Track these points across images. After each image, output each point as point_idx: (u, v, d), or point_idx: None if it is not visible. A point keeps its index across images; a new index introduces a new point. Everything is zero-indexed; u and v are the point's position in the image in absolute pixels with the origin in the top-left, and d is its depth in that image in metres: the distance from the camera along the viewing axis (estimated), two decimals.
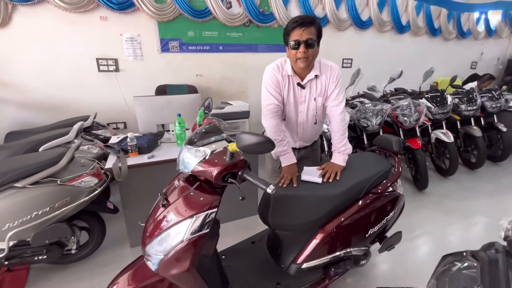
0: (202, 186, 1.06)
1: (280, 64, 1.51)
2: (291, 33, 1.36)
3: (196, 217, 0.98)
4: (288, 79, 1.51)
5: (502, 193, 2.97)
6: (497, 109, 3.62)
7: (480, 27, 5.45)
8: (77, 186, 1.59)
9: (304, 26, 1.31)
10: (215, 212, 1.01)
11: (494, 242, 0.72)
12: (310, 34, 1.33)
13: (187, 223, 0.97)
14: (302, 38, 1.32)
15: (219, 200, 1.02)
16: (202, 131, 1.11)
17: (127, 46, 3.07)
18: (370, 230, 1.40)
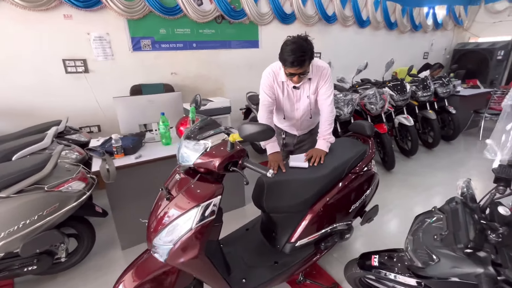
0: (203, 177, 1.13)
1: (275, 71, 1.65)
2: (286, 68, 1.47)
3: (202, 205, 1.05)
4: (283, 85, 1.65)
5: (454, 168, 3.41)
6: (447, 94, 4.09)
7: (429, 20, 6.03)
8: (64, 191, 1.55)
9: (300, 66, 1.42)
10: (219, 199, 1.09)
11: (454, 196, 0.90)
12: (305, 68, 1.46)
13: (194, 212, 1.04)
14: (296, 72, 1.47)
15: (222, 188, 1.10)
16: (199, 125, 1.17)
17: (95, 45, 2.94)
18: (352, 206, 1.58)
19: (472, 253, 0.75)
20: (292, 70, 1.45)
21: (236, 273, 1.39)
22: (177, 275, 1.17)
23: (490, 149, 0.91)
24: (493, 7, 6.39)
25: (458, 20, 6.47)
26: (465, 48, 6.64)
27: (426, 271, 0.87)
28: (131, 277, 1.14)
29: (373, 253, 1.28)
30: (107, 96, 3.09)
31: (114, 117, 3.17)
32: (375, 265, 1.22)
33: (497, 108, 4.50)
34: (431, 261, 0.87)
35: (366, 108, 3.29)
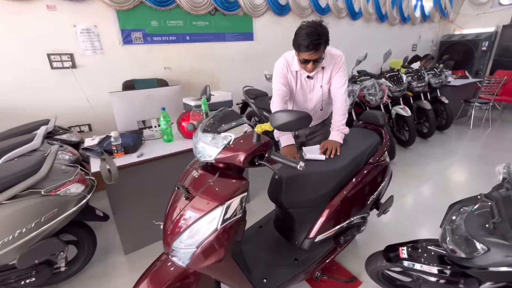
0: (224, 172, 1.05)
1: (288, 61, 1.59)
2: (300, 53, 1.41)
3: (228, 203, 0.96)
4: (296, 74, 1.59)
5: (448, 157, 3.46)
6: (439, 84, 4.15)
7: (417, 12, 6.12)
8: (63, 195, 1.42)
9: (315, 50, 1.36)
10: (245, 196, 1.01)
11: (503, 182, 0.87)
12: (320, 54, 1.40)
13: (219, 211, 0.96)
14: (311, 59, 1.40)
15: (248, 184, 1.02)
16: (219, 117, 1.08)
17: (83, 38, 2.74)
18: (370, 197, 1.54)
19: None
20: (307, 56, 1.39)
21: (256, 273, 1.32)
22: (197, 281, 1.08)
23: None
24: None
25: (444, 12, 6.60)
26: (451, 39, 6.80)
27: (473, 261, 0.83)
28: (147, 286, 1.04)
29: (399, 245, 1.24)
30: (98, 92, 2.92)
31: (106, 115, 3.01)
32: (404, 257, 1.18)
33: (486, 98, 4.64)
34: (476, 251, 0.83)
35: (365, 100, 3.27)
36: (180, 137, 2.12)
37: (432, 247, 1.16)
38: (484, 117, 4.81)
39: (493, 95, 4.51)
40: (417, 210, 2.37)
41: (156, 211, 1.92)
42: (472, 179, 2.93)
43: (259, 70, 4.04)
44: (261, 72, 3.88)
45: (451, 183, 2.86)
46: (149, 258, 1.81)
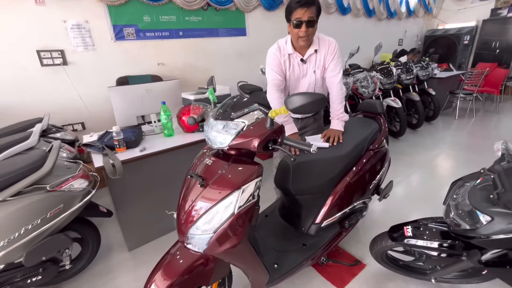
0: (236, 158, 1.06)
1: (280, 45, 1.62)
2: (294, 12, 1.44)
3: (243, 188, 0.98)
4: (289, 58, 1.61)
5: (437, 146, 3.61)
6: (426, 76, 4.30)
7: (403, 8, 6.28)
8: (68, 191, 1.40)
9: (306, 6, 1.40)
10: (261, 180, 1.03)
11: (504, 156, 0.93)
12: (312, 13, 1.43)
13: (236, 196, 0.98)
14: (304, 18, 1.42)
15: (262, 168, 1.04)
16: (231, 104, 1.09)
17: (74, 34, 2.67)
18: (372, 182, 1.60)
19: None
20: (299, 13, 1.41)
21: (267, 258, 1.35)
22: (213, 267, 1.10)
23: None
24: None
25: (427, 7, 6.81)
26: (435, 34, 7.03)
27: (477, 231, 0.88)
28: (162, 276, 1.03)
29: (404, 225, 1.30)
30: (91, 90, 2.86)
31: (99, 112, 2.96)
32: (409, 235, 1.24)
33: (469, 89, 4.84)
34: (480, 222, 0.89)
35: (358, 92, 3.35)
36: (180, 131, 2.11)
37: (434, 224, 1.22)
38: (468, 108, 5.03)
39: (476, 86, 4.71)
40: (412, 196, 2.46)
41: (160, 205, 1.93)
42: (460, 165, 3.06)
43: (252, 65, 4.06)
44: (255, 67, 3.89)
45: (441, 170, 2.99)
46: (154, 253, 1.84)
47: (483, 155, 3.21)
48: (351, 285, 1.56)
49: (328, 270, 1.66)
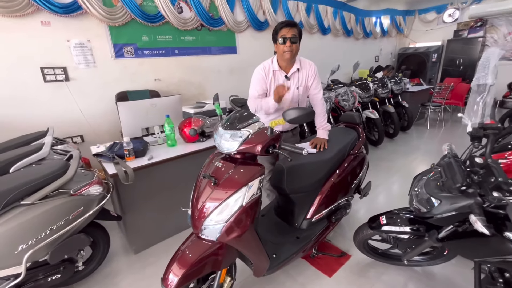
0: (242, 161, 1.29)
1: (266, 65, 1.89)
2: (279, 31, 1.74)
3: (250, 184, 1.21)
4: (274, 74, 1.86)
5: (413, 152, 4.00)
6: (400, 90, 4.75)
7: (377, 28, 6.90)
8: (87, 195, 1.55)
9: (289, 27, 1.71)
10: (263, 178, 1.26)
11: (446, 154, 1.21)
12: (294, 32, 1.73)
13: (244, 191, 1.20)
14: (288, 35, 1.71)
15: (264, 168, 1.27)
16: (238, 116, 1.32)
17: (76, 52, 2.84)
18: (354, 182, 1.86)
19: (465, 190, 1.05)
20: (285, 31, 1.69)
21: (266, 249, 1.55)
22: (223, 254, 1.29)
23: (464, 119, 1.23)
24: (425, 17, 7.57)
25: (399, 28, 7.50)
26: (407, 52, 7.71)
27: (431, 212, 1.15)
28: (178, 265, 1.20)
29: (380, 215, 1.56)
30: (91, 104, 3.01)
31: (98, 126, 3.10)
32: (384, 223, 1.49)
33: (438, 101, 5.37)
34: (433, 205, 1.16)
35: (340, 105, 3.70)
36: (182, 141, 2.31)
37: (403, 213, 1.49)
38: (438, 118, 5.55)
39: (443, 99, 5.25)
40: (391, 196, 2.76)
41: (164, 209, 2.11)
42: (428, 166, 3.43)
43: (242, 81, 4.34)
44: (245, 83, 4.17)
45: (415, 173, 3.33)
46: (159, 255, 2.00)
47: None
48: (338, 273, 1.79)
49: (319, 261, 1.88)
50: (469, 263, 1.64)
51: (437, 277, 1.70)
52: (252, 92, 1.89)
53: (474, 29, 6.75)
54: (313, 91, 1.94)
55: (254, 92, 1.87)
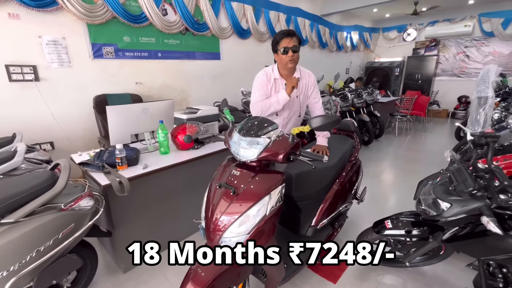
0: (262, 168, 1.25)
1: (267, 71, 1.90)
2: (280, 42, 1.75)
3: (272, 193, 1.17)
4: (275, 82, 1.88)
5: (386, 158, 4.29)
6: (372, 101, 5.10)
7: (348, 42, 7.38)
8: (78, 209, 1.37)
9: (290, 37, 1.73)
10: (284, 186, 1.23)
11: (454, 160, 1.31)
12: (295, 42, 1.75)
13: (266, 200, 1.16)
14: (289, 45, 1.73)
15: (285, 176, 1.25)
16: (253, 124, 1.28)
17: (49, 50, 2.56)
18: (354, 187, 1.92)
19: (475, 194, 1.13)
20: (286, 42, 1.71)
21: None
22: (241, 268, 1.23)
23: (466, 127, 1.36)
24: (388, 35, 8.30)
25: (366, 43, 8.11)
26: (373, 66, 8.35)
27: (442, 215, 1.23)
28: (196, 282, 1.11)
29: (385, 219, 1.62)
30: (64, 108, 2.73)
31: (72, 132, 2.81)
32: (389, 227, 1.55)
33: (404, 112, 5.86)
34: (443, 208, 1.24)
35: None
36: (174, 149, 2.19)
37: (405, 216, 1.57)
38: (404, 127, 6.04)
39: (408, 110, 5.74)
40: (378, 199, 2.90)
41: (156, 222, 1.96)
42: (402, 173, 3.71)
43: (226, 87, 4.31)
44: (228, 89, 4.16)
45: (390, 176, 3.58)
46: (150, 272, 1.84)
47: (419, 164, 3.96)
48: (342, 279, 1.81)
49: (321, 268, 1.88)
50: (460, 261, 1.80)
51: (431, 275, 1.81)
52: (255, 96, 1.87)
53: (430, 48, 7.57)
54: (313, 100, 1.99)
55: (258, 97, 1.86)
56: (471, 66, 7.15)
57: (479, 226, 1.19)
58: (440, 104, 7.59)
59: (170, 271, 1.85)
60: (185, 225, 2.15)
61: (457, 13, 6.85)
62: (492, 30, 6.48)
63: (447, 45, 7.39)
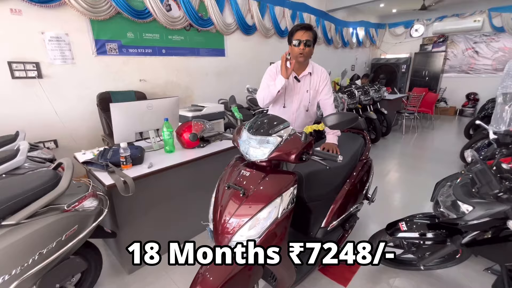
0: (272, 169, 1.19)
1: (278, 65, 1.82)
2: (295, 34, 1.71)
3: (284, 194, 1.11)
4: None
5: (393, 156, 4.21)
6: (379, 98, 5.00)
7: (354, 39, 7.25)
8: (82, 210, 1.33)
9: (305, 30, 1.69)
10: (296, 187, 1.17)
11: (476, 160, 1.24)
12: (309, 37, 1.70)
13: (278, 202, 1.10)
14: (302, 38, 1.68)
15: (297, 176, 1.19)
16: (264, 121, 1.22)
17: (52, 47, 2.52)
18: (365, 187, 1.86)
19: (500, 196, 1.06)
20: (300, 35, 1.67)
21: None
22: (251, 272, 1.17)
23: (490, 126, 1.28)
24: (395, 31, 8.15)
25: (372, 39, 7.97)
26: (379, 62, 8.21)
27: (463, 218, 1.16)
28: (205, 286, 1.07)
29: (398, 221, 1.55)
30: (67, 105, 2.69)
31: (76, 130, 2.77)
32: (404, 229, 1.49)
33: (411, 109, 5.75)
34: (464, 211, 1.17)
35: None
36: (179, 147, 2.14)
37: (421, 219, 1.50)
38: (411, 125, 5.93)
39: (416, 107, 5.63)
40: (386, 200, 2.83)
41: (161, 222, 1.92)
42: (411, 170, 3.63)
43: (231, 84, 4.25)
44: (233, 86, 4.09)
45: (398, 174, 3.50)
46: (156, 273, 1.80)
47: (427, 162, 3.89)
48: (353, 282, 1.75)
49: (331, 270, 1.83)
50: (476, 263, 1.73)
51: (445, 279, 1.75)
52: (262, 86, 1.85)
53: (438, 44, 7.41)
54: (324, 97, 1.92)
55: (264, 85, 1.83)
56: (480, 63, 6.99)
57: (504, 231, 1.12)
58: (448, 101, 7.44)
59: (176, 273, 1.81)
60: (191, 225, 2.11)
61: (466, 8, 6.69)
62: (502, 25, 6.32)
63: (456, 41, 7.23)
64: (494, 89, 6.41)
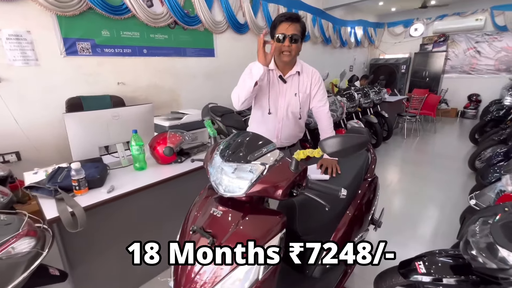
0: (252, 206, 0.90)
1: None
2: (278, 26, 1.40)
3: (268, 244, 0.81)
4: (270, 73, 1.54)
5: (395, 163, 3.95)
6: (380, 100, 4.73)
7: (352, 38, 6.98)
8: (6, 257, 1.02)
9: (291, 21, 1.37)
10: (284, 233, 0.87)
11: None
12: (296, 30, 1.39)
13: (260, 256, 0.80)
14: (287, 33, 1.37)
15: (285, 218, 0.89)
16: (242, 142, 0.92)
17: (10, 46, 2.20)
18: (371, 211, 1.56)
19: None
20: (284, 28, 1.36)
21: None
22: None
23: None
24: (394, 30, 7.90)
25: (371, 39, 7.71)
26: (378, 62, 7.95)
27: (508, 272, 0.86)
28: None
29: (414, 260, 1.26)
30: (31, 112, 2.37)
31: (41, 140, 2.45)
32: (423, 271, 1.19)
33: (412, 112, 5.48)
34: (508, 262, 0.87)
35: None
36: (153, 162, 1.83)
37: (445, 258, 1.21)
38: (412, 128, 5.67)
39: (417, 109, 5.36)
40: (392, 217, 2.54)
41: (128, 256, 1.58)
42: (415, 179, 3.36)
43: (221, 87, 3.94)
44: (224, 89, 3.78)
45: (402, 184, 3.23)
46: None
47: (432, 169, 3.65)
48: None
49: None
50: None
51: None
52: (239, 81, 1.50)
53: (438, 44, 7.17)
54: (318, 103, 1.63)
55: (241, 81, 1.49)
56: (482, 63, 6.74)
57: None
58: (449, 103, 7.19)
59: None
60: None
61: (468, 6, 6.44)
62: (505, 24, 6.08)
63: (457, 41, 6.98)
64: (496, 90, 6.18)
